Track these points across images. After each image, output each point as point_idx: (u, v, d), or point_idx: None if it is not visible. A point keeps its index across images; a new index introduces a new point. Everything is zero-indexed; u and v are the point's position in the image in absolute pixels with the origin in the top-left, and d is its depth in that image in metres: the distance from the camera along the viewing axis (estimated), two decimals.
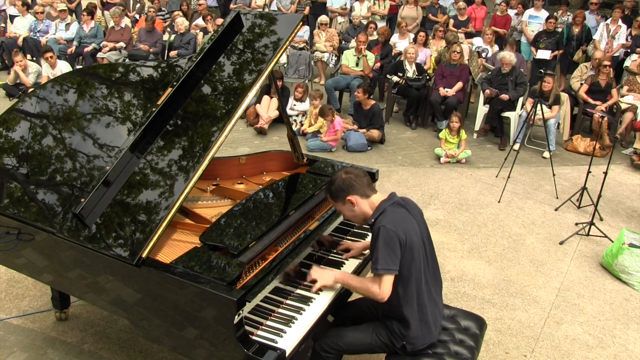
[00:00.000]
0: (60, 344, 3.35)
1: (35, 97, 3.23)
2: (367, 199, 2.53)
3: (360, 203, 2.52)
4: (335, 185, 2.54)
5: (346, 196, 2.51)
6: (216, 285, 2.24)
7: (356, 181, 2.51)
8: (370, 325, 2.62)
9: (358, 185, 2.51)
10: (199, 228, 2.77)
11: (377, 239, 2.40)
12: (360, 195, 2.52)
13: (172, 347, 2.51)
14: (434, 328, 2.57)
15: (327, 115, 6.86)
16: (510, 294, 4.10)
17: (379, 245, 2.39)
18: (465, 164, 6.59)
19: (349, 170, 2.56)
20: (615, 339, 3.69)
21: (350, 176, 2.52)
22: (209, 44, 3.07)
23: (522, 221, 5.26)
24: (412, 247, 2.43)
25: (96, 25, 9.70)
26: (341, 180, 2.52)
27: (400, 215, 2.48)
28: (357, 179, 2.52)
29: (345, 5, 10.37)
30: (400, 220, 2.45)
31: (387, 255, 2.38)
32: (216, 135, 2.64)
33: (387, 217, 2.45)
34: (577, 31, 8.93)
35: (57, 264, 2.80)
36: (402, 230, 2.41)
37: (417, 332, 2.50)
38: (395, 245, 2.38)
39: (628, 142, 7.41)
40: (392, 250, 2.38)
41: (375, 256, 2.42)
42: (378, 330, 2.58)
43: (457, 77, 7.59)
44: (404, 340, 2.51)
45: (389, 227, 2.39)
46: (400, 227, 2.41)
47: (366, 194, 2.53)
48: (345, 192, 2.51)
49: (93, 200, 2.60)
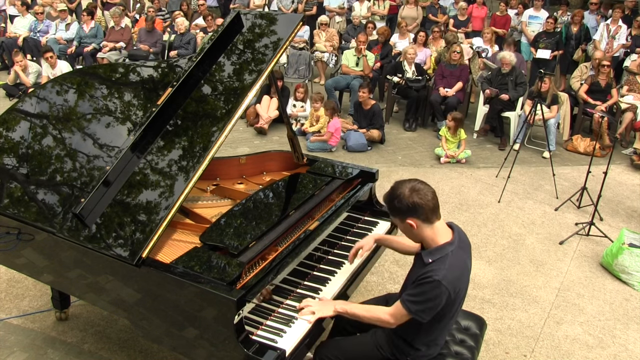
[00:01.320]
0: (60, 344, 3.35)
1: (35, 97, 3.23)
2: (430, 225, 2.30)
3: (421, 228, 2.30)
4: (397, 203, 2.29)
5: (406, 218, 2.30)
6: (216, 285, 2.24)
7: (421, 204, 2.26)
8: (372, 338, 2.54)
9: (422, 209, 2.26)
10: (199, 228, 2.77)
11: (427, 289, 2.22)
12: (422, 221, 2.29)
13: (172, 347, 2.51)
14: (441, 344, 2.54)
15: (327, 109, 6.88)
16: (510, 294, 4.10)
17: (427, 297, 2.22)
18: (465, 164, 6.59)
19: (416, 188, 2.28)
20: (615, 339, 3.69)
21: (414, 196, 2.26)
22: (209, 44, 3.07)
23: (522, 221, 5.26)
24: (455, 301, 2.30)
25: (96, 25, 9.71)
26: (405, 199, 2.27)
27: (458, 268, 2.28)
28: (423, 202, 2.26)
29: (343, 5, 10.37)
30: (457, 276, 2.27)
31: (428, 308, 2.24)
32: (216, 135, 2.65)
33: (446, 268, 2.23)
34: (575, 30, 8.93)
35: (57, 264, 2.80)
36: (454, 289, 2.25)
37: (424, 353, 2.46)
38: (441, 303, 2.23)
39: (628, 142, 7.41)
40: (436, 307, 2.24)
41: (415, 298, 2.25)
42: (380, 343, 2.50)
43: (457, 77, 7.59)
44: (409, 357, 2.46)
45: (445, 285, 2.20)
46: (455, 284, 2.25)
47: (429, 220, 2.29)
48: (406, 214, 2.29)
49: (93, 200, 2.60)
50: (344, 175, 3.35)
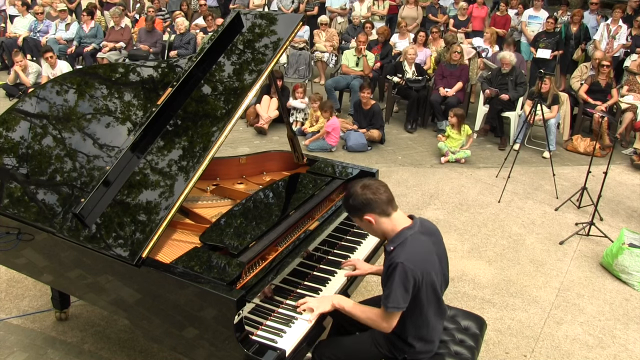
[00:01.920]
0: (60, 344, 3.35)
1: (35, 97, 3.23)
2: (387, 217, 2.34)
3: (379, 222, 2.34)
4: (351, 201, 2.36)
5: (363, 215, 2.34)
6: (216, 285, 2.24)
7: (374, 198, 2.30)
8: (370, 336, 2.55)
9: (376, 204, 2.31)
10: (199, 228, 2.77)
11: (394, 275, 2.25)
12: (378, 214, 2.33)
13: (172, 347, 2.51)
14: (437, 340, 2.54)
15: (325, 111, 6.90)
16: (510, 294, 4.10)
17: (394, 283, 2.25)
18: (465, 164, 6.59)
19: (367, 185, 2.34)
20: (615, 339, 3.69)
21: (366, 192, 2.31)
22: (209, 44, 3.07)
23: (522, 221, 5.26)
24: (428, 283, 2.31)
25: (96, 25, 9.71)
26: (358, 196, 2.32)
27: (421, 249, 2.32)
28: (375, 196, 2.30)
29: (344, 6, 10.37)
30: (421, 257, 2.30)
31: (401, 294, 2.25)
32: (216, 135, 2.65)
33: (406, 251, 2.27)
34: (575, 30, 8.93)
35: (57, 264, 2.80)
36: (421, 269, 2.27)
37: (420, 349, 2.47)
38: (410, 284, 2.25)
39: (628, 142, 7.41)
40: (406, 290, 2.25)
41: (387, 291, 2.29)
42: (378, 341, 2.52)
43: (457, 77, 7.59)
44: (406, 354, 2.47)
45: (407, 265, 2.23)
46: (419, 265, 2.26)
47: (386, 212, 2.33)
48: (362, 211, 2.33)
49: (93, 200, 2.60)
50: (344, 175, 3.35)
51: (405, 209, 5.36)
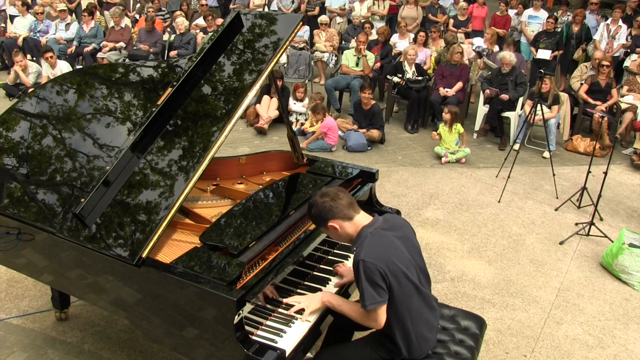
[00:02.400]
0: (60, 344, 3.35)
1: (35, 97, 3.23)
2: (350, 221, 2.38)
3: (343, 226, 2.38)
4: (313, 211, 2.40)
5: (327, 222, 2.38)
6: (216, 285, 2.24)
7: (334, 205, 2.35)
8: (367, 342, 2.55)
9: (337, 209, 2.35)
10: (199, 228, 2.77)
11: (359, 275, 2.28)
12: (341, 219, 2.37)
13: (172, 347, 2.51)
14: (431, 336, 2.52)
15: (317, 113, 6.96)
16: (510, 294, 4.10)
17: (362, 282, 2.27)
18: (465, 164, 6.59)
19: (325, 193, 2.39)
20: (615, 339, 3.69)
21: (325, 200, 2.36)
22: (209, 44, 3.07)
23: (522, 221, 5.26)
24: (396, 274, 2.31)
25: (96, 25, 9.71)
26: (319, 205, 2.38)
27: (381, 243, 2.33)
28: (335, 202, 2.36)
29: (344, 6, 10.37)
30: (381, 250, 2.31)
31: (373, 290, 2.26)
32: (216, 135, 2.65)
33: (365, 247, 2.30)
34: (576, 30, 8.93)
35: (57, 264, 2.80)
36: (383, 261, 2.28)
37: (414, 347, 2.45)
38: (377, 277, 2.26)
39: (628, 142, 7.41)
40: (376, 283, 2.26)
41: (360, 292, 2.30)
42: (375, 345, 2.51)
43: (457, 77, 7.59)
44: (402, 356, 2.46)
45: (367, 260, 2.25)
46: (380, 258, 2.28)
47: (348, 216, 2.37)
48: (325, 219, 2.38)
49: (93, 200, 2.60)
50: (344, 175, 3.35)
51: (405, 209, 5.37)
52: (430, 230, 4.96)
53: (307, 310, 2.47)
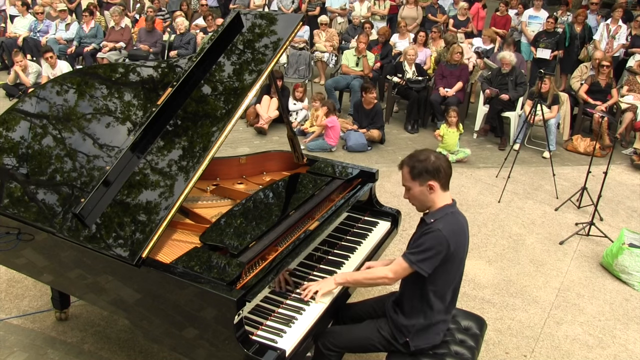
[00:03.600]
0: (60, 344, 3.35)
1: (35, 97, 3.23)
2: (444, 191, 2.45)
3: (437, 192, 2.43)
4: (423, 164, 2.42)
5: (429, 180, 2.41)
6: (216, 285, 2.24)
7: (444, 170, 2.41)
8: (372, 322, 2.61)
9: (444, 174, 2.41)
10: (199, 228, 2.77)
11: (429, 238, 2.35)
12: (441, 185, 2.43)
13: (172, 347, 2.51)
14: (441, 332, 2.56)
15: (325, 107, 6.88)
16: (510, 294, 4.10)
17: (427, 245, 2.34)
18: (465, 164, 6.59)
19: (440, 157, 2.45)
20: (615, 339, 3.69)
21: (440, 162, 2.41)
22: (209, 44, 3.07)
23: (522, 221, 5.26)
24: (455, 259, 2.41)
25: (96, 25, 9.71)
26: (432, 162, 2.40)
27: (458, 226, 2.43)
28: (446, 169, 2.41)
29: (344, 6, 10.37)
30: (457, 232, 2.40)
31: (429, 257, 2.34)
32: (216, 135, 2.64)
33: (447, 223, 2.38)
34: (579, 30, 8.92)
35: (57, 264, 2.80)
36: (454, 242, 2.37)
37: (423, 333, 2.48)
38: (441, 253, 2.34)
39: (628, 142, 7.41)
40: (435, 256, 2.34)
41: (416, 249, 2.37)
42: (381, 325, 2.56)
43: (457, 77, 7.59)
44: (408, 337, 2.49)
45: (445, 233, 2.33)
46: (454, 239, 2.37)
47: (446, 186, 2.45)
48: (431, 176, 2.41)
49: (93, 200, 2.60)
50: (344, 175, 3.35)
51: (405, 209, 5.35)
52: None
53: (320, 292, 2.54)
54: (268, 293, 2.48)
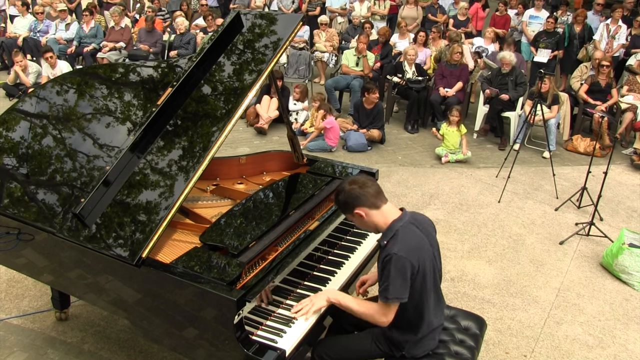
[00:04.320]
0: (60, 344, 3.35)
1: (35, 97, 3.23)
2: (377, 209, 2.40)
3: (370, 214, 2.40)
4: (341, 197, 2.43)
5: (353, 209, 2.40)
6: (216, 285, 2.24)
7: (362, 192, 2.37)
8: (369, 334, 2.57)
9: (365, 197, 2.37)
10: (199, 228, 2.77)
11: (389, 268, 2.29)
12: (368, 207, 2.39)
13: (172, 347, 2.51)
14: (437, 336, 2.55)
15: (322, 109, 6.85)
16: (510, 294, 4.10)
17: (391, 275, 2.28)
18: (465, 164, 6.59)
19: (354, 180, 2.43)
20: (615, 339, 3.69)
21: (354, 187, 2.38)
22: (209, 44, 3.07)
23: (522, 221, 5.26)
24: (424, 273, 2.36)
25: (96, 25, 9.70)
26: (346, 192, 2.40)
27: (413, 239, 2.36)
28: (363, 190, 2.38)
29: (345, 6, 10.37)
30: (414, 246, 2.34)
31: (400, 285, 2.28)
32: (216, 135, 2.64)
33: (399, 242, 2.32)
34: (578, 30, 8.92)
35: (57, 264, 2.80)
36: (415, 258, 2.31)
37: (418, 344, 2.48)
38: (407, 273, 2.29)
39: (628, 142, 7.41)
40: (404, 279, 2.29)
41: (385, 284, 2.31)
42: (378, 338, 2.53)
43: (457, 77, 7.59)
44: (404, 351, 2.48)
45: (401, 255, 2.28)
46: (412, 254, 2.31)
47: (375, 205, 2.39)
48: (352, 206, 2.39)
49: (93, 200, 2.60)
50: (344, 175, 3.35)
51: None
52: None
53: (312, 307, 2.47)
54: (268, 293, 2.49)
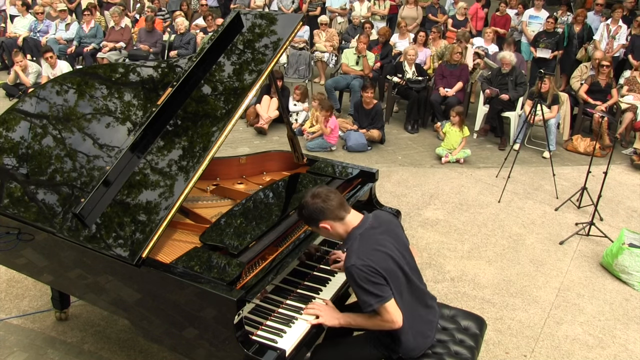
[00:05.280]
0: (60, 344, 3.35)
1: (35, 97, 3.23)
2: (340, 221, 2.39)
3: (334, 226, 2.40)
4: (305, 212, 2.41)
5: (319, 223, 2.39)
6: (216, 285, 2.24)
7: (325, 205, 2.36)
8: (366, 337, 2.56)
9: (328, 210, 2.36)
10: (199, 228, 2.77)
11: (353, 280, 2.29)
12: (332, 219, 2.38)
13: (172, 347, 2.51)
14: (429, 333, 2.53)
15: (325, 110, 6.78)
16: (510, 294, 4.10)
17: (358, 286, 2.28)
18: (465, 164, 6.59)
19: (316, 194, 2.40)
20: (615, 339, 3.69)
21: (317, 201, 2.37)
22: (209, 44, 3.07)
23: (522, 221, 5.26)
24: (388, 271, 2.32)
25: (96, 25, 9.70)
26: (310, 206, 2.38)
27: (370, 243, 2.35)
28: (326, 203, 2.36)
29: (345, 6, 10.37)
30: (370, 251, 2.32)
31: (372, 289, 2.27)
32: (216, 135, 2.65)
33: (354, 250, 2.32)
34: (578, 30, 8.92)
35: (57, 264, 2.80)
36: (373, 260, 2.29)
37: (411, 345, 2.46)
38: (372, 276, 2.27)
39: (628, 142, 7.41)
40: (373, 283, 2.27)
41: (359, 298, 2.31)
42: (374, 342, 2.52)
43: (457, 77, 7.59)
44: (400, 353, 2.47)
45: (357, 265, 2.26)
46: (369, 257, 2.29)
47: (339, 217, 2.39)
48: (317, 219, 2.39)
49: (93, 200, 2.60)
50: (344, 175, 3.35)
51: (405, 209, 5.37)
52: (430, 230, 4.96)
53: (319, 319, 2.47)
54: (268, 293, 2.49)
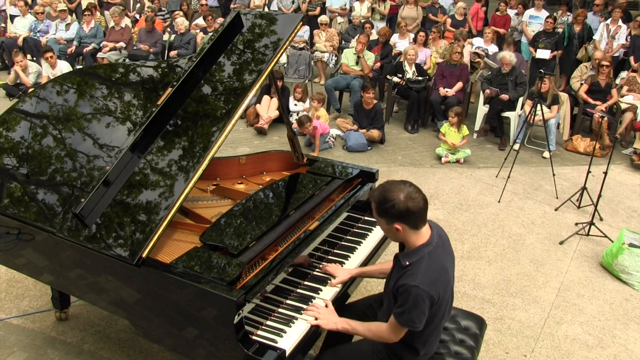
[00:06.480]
0: (60, 344, 3.35)
1: (35, 97, 3.23)
2: (415, 231, 2.28)
3: (406, 233, 2.28)
4: (389, 206, 2.24)
5: (394, 222, 2.26)
6: (216, 285, 2.24)
7: (414, 212, 2.22)
8: (369, 345, 2.54)
9: (414, 217, 2.23)
10: (199, 228, 2.77)
11: (407, 298, 2.20)
12: (410, 227, 2.26)
13: (172, 347, 2.51)
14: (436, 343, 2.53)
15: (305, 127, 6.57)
16: (510, 294, 4.10)
17: (409, 304, 2.20)
18: (465, 164, 6.59)
19: (412, 196, 2.24)
20: (615, 339, 3.69)
21: (408, 203, 2.21)
22: (209, 44, 3.07)
23: (522, 221, 5.26)
24: (442, 303, 2.28)
25: (96, 25, 9.71)
26: (399, 204, 2.22)
27: (436, 271, 2.26)
28: (416, 211, 2.23)
29: (345, 6, 10.37)
30: (436, 278, 2.24)
31: (416, 316, 2.22)
32: (216, 135, 2.65)
33: (422, 271, 2.22)
34: (578, 30, 8.93)
35: (57, 264, 2.80)
36: (436, 291, 2.22)
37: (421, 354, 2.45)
38: (426, 306, 2.21)
39: (628, 142, 7.41)
40: (423, 312, 2.21)
41: (401, 309, 2.24)
42: (377, 348, 2.51)
43: (457, 77, 7.59)
44: None
45: (423, 288, 2.18)
46: (434, 286, 2.22)
47: (417, 226, 2.27)
48: (396, 219, 2.25)
49: (93, 200, 2.60)
50: (344, 175, 3.35)
51: None
52: None
53: (318, 321, 2.45)
54: (268, 292, 2.48)
